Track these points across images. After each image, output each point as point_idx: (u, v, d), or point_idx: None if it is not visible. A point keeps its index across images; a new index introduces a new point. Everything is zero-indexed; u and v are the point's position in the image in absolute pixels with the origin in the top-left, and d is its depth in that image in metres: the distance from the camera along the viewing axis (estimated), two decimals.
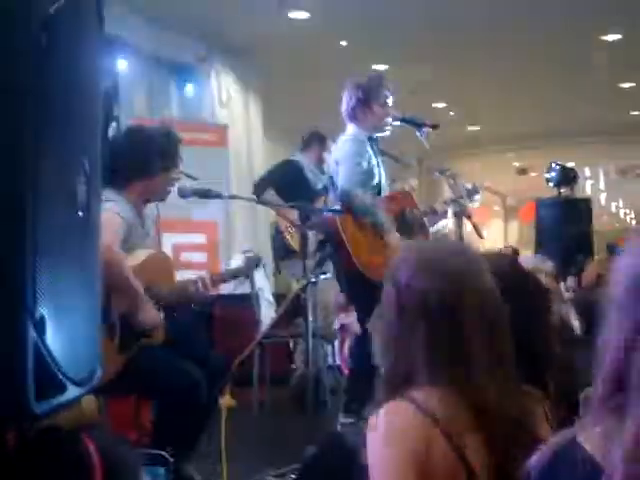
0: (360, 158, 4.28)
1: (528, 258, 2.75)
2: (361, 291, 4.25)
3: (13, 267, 1.02)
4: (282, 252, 5.81)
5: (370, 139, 4.42)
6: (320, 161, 5.94)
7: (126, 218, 3.19)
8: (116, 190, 3.27)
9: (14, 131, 1.03)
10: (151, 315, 3.19)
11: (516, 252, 7.37)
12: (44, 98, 1.06)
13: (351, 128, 4.44)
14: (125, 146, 3.36)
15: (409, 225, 4.40)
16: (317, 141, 6.00)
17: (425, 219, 4.53)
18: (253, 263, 3.69)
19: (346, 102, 4.49)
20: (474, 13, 7.33)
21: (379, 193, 4.37)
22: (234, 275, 3.72)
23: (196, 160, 6.08)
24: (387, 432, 1.46)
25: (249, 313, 5.78)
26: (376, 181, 4.39)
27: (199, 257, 6.96)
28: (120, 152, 3.28)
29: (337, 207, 4.34)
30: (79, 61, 1.23)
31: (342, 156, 4.30)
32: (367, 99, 4.41)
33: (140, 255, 3.25)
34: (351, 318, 7.37)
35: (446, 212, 4.54)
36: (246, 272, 3.69)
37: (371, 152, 4.39)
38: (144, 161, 3.32)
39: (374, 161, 4.40)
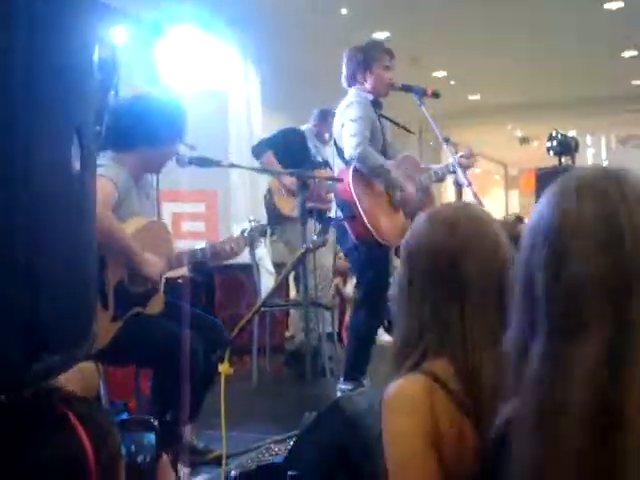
0: (366, 121, 4.26)
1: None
2: (371, 260, 4.26)
3: (6, 235, 1.03)
4: (274, 217, 5.81)
5: (373, 103, 4.39)
6: (323, 136, 5.95)
7: (119, 184, 3.17)
8: (117, 154, 3.26)
9: (4, 105, 1.02)
10: (154, 266, 3.19)
11: (520, 219, 7.37)
12: (35, 66, 1.06)
13: (352, 92, 4.41)
14: (133, 112, 3.32)
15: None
16: (323, 117, 5.99)
17: (430, 183, 4.54)
18: (258, 232, 3.71)
19: (346, 66, 4.46)
20: None
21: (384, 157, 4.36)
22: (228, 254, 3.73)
23: (195, 129, 6.08)
24: (402, 403, 1.46)
25: (249, 282, 5.79)
26: (381, 144, 4.38)
27: (198, 226, 6.97)
28: (127, 117, 3.25)
29: (339, 176, 4.34)
30: (71, 31, 1.22)
31: (348, 119, 4.27)
32: (368, 62, 4.39)
33: (136, 223, 3.24)
34: (349, 286, 7.41)
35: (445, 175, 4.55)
36: (251, 241, 3.70)
37: (375, 116, 4.37)
38: (151, 130, 3.29)
39: (378, 124, 4.38)
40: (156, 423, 1.76)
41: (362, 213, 4.16)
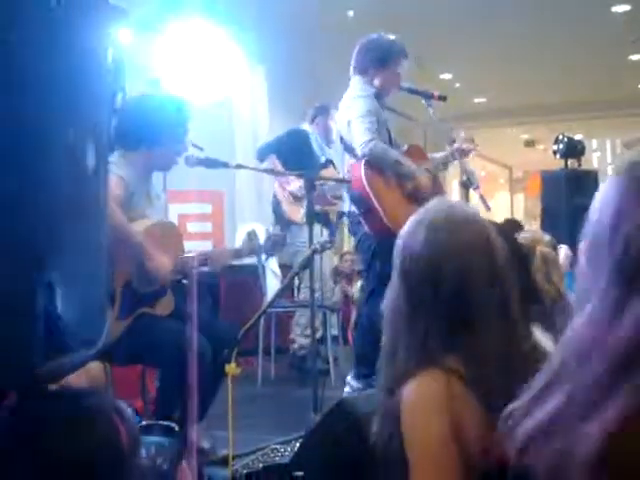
0: (374, 115, 4.24)
1: (526, 232, 2.76)
2: (383, 250, 4.23)
3: (21, 233, 1.03)
4: (282, 222, 5.81)
5: (377, 96, 4.37)
6: (327, 131, 5.92)
7: (129, 182, 3.19)
8: (125, 153, 3.28)
9: (18, 106, 1.03)
10: (161, 262, 3.20)
11: (519, 225, 7.35)
12: (48, 72, 1.06)
13: (357, 83, 4.37)
14: (139, 112, 3.34)
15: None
16: (322, 113, 5.99)
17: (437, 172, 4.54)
18: (279, 242, 3.73)
19: (361, 56, 4.41)
20: None
21: None
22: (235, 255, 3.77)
23: (202, 130, 6.10)
24: (424, 405, 1.46)
25: (255, 283, 5.80)
26: (387, 137, 4.37)
27: (204, 227, 6.98)
28: (133, 118, 3.27)
29: (350, 171, 4.32)
30: (85, 32, 1.23)
31: (356, 115, 4.25)
32: (385, 61, 4.35)
33: (145, 222, 3.26)
34: (354, 288, 7.42)
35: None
36: (271, 250, 3.74)
37: (380, 109, 4.35)
38: (156, 129, 3.32)
39: (383, 118, 4.37)
40: (177, 429, 1.78)
41: (378, 207, 4.14)
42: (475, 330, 1.51)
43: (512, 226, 2.07)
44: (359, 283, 6.79)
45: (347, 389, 4.18)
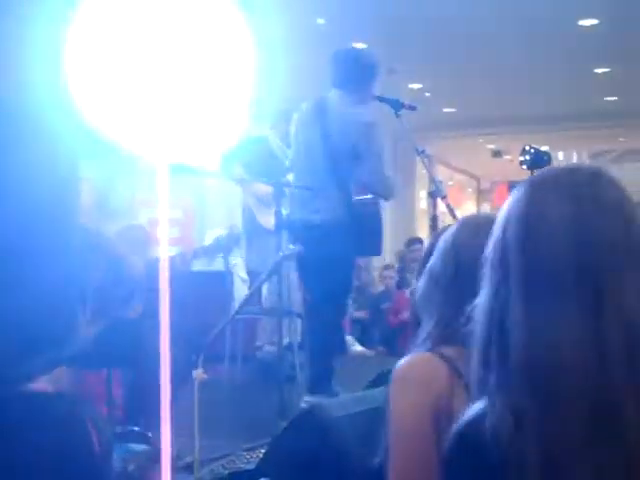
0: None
1: None
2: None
3: None
4: (253, 230, 5.81)
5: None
6: (286, 135, 5.91)
7: (100, 186, 3.21)
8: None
9: None
10: (136, 268, 3.22)
11: None
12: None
13: (337, 95, 4.40)
14: None
15: None
16: (284, 117, 5.96)
17: None
18: (235, 238, 3.79)
19: (345, 67, 4.43)
20: None
21: None
22: (215, 250, 3.81)
23: None
24: (409, 380, 1.48)
25: (221, 289, 5.79)
26: None
27: (172, 232, 6.96)
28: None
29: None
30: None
31: (377, 151, 4.39)
32: (371, 77, 4.41)
33: (117, 225, 3.28)
34: None
35: None
36: (228, 246, 3.78)
37: None
38: None
39: None
40: (150, 435, 1.78)
41: None
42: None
43: None
44: None
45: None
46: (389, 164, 6.12)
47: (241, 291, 5.87)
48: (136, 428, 2.37)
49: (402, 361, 1.52)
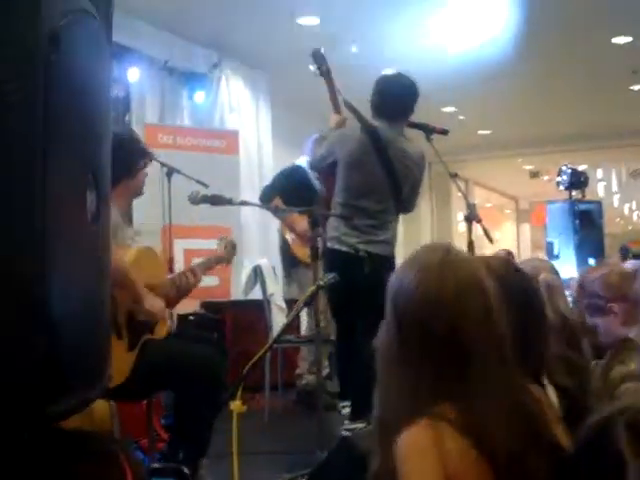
0: None
1: (527, 260, 2.75)
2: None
3: (27, 277, 1.05)
4: (290, 262, 5.83)
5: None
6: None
7: (113, 221, 3.28)
8: None
9: (23, 147, 1.05)
10: (156, 303, 3.30)
11: (509, 254, 7.37)
12: (53, 113, 1.08)
13: (385, 126, 4.40)
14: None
15: None
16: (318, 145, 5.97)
17: None
18: (232, 249, 3.89)
19: (383, 95, 4.43)
20: None
21: None
22: (217, 261, 3.91)
23: (207, 167, 6.13)
24: (413, 449, 1.45)
25: (260, 318, 5.80)
26: None
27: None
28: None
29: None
30: (88, 75, 1.25)
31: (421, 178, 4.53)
32: (410, 107, 4.44)
33: (129, 254, 3.33)
34: None
35: None
36: (228, 258, 3.89)
37: None
38: (129, 161, 3.44)
39: None
40: (186, 471, 1.79)
41: None
42: (468, 377, 1.47)
43: (506, 260, 2.01)
44: None
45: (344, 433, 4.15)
46: (426, 185, 6.14)
47: (279, 320, 5.86)
48: (174, 465, 2.36)
49: (402, 437, 1.46)
